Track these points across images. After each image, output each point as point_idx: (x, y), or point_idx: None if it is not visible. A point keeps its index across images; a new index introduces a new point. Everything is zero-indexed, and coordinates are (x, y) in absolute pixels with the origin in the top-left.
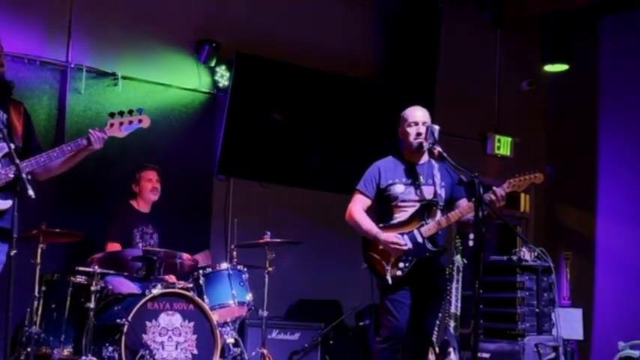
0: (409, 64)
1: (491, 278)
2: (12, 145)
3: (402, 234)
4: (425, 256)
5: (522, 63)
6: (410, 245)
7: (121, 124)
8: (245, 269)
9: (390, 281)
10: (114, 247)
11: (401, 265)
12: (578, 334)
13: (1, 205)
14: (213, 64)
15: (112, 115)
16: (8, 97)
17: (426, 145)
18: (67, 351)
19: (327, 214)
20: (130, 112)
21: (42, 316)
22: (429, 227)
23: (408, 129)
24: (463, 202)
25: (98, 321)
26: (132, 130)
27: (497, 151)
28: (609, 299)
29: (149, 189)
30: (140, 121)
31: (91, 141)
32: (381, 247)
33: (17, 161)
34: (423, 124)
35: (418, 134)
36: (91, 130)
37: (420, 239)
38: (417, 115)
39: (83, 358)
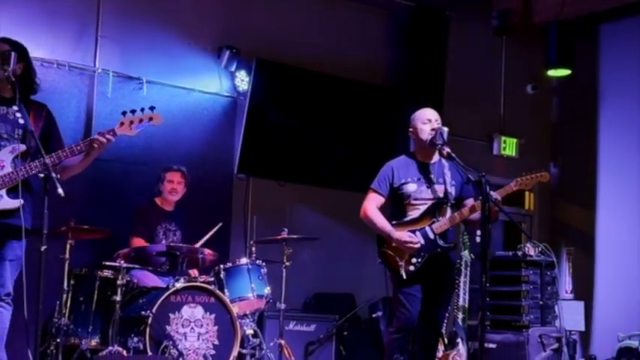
0: (419, 69)
1: (498, 272)
2: (23, 147)
3: (415, 231)
4: (436, 251)
5: (527, 68)
6: (422, 241)
7: (132, 122)
8: (263, 264)
9: (404, 276)
10: (137, 242)
11: (414, 260)
12: (579, 325)
13: (11, 204)
14: (233, 68)
15: (123, 113)
16: (28, 99)
17: (439, 142)
18: (94, 341)
19: (342, 211)
20: (142, 110)
21: (71, 309)
22: (441, 224)
23: (423, 126)
24: (470, 202)
25: (124, 313)
26: (143, 128)
27: (503, 152)
28: (609, 292)
29: (168, 190)
30: (151, 118)
31: (96, 145)
32: (394, 244)
33: (47, 161)
34: (436, 121)
35: (433, 129)
36: (96, 136)
37: (431, 236)
38: (430, 113)
39: (110, 348)
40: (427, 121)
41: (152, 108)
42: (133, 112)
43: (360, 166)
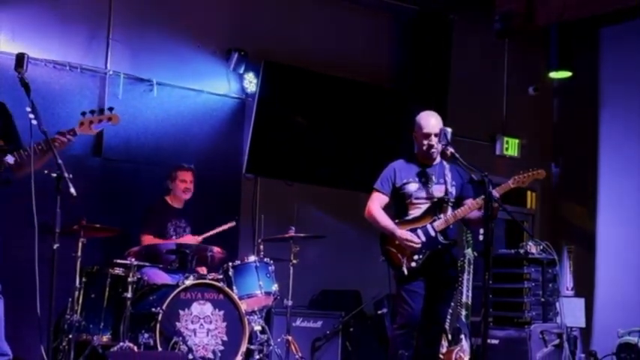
0: (423, 71)
1: (500, 270)
2: None
3: (416, 229)
4: (437, 248)
5: (529, 70)
6: (423, 239)
7: (91, 122)
8: (271, 262)
9: (405, 272)
10: (148, 239)
11: (415, 257)
12: (580, 321)
13: None
14: (241, 71)
15: (83, 114)
16: None
17: (436, 153)
18: (105, 337)
19: (347, 210)
20: (101, 110)
21: (82, 306)
22: (441, 222)
23: (423, 140)
24: (470, 201)
25: (135, 310)
26: (101, 128)
27: (505, 152)
28: (609, 289)
29: (182, 189)
30: (110, 119)
31: (57, 145)
32: (397, 241)
33: (59, 161)
34: (436, 135)
35: (430, 146)
36: (57, 136)
37: (432, 233)
38: (431, 124)
39: (121, 344)
40: (426, 135)
41: (110, 109)
42: (92, 112)
43: (365, 166)
